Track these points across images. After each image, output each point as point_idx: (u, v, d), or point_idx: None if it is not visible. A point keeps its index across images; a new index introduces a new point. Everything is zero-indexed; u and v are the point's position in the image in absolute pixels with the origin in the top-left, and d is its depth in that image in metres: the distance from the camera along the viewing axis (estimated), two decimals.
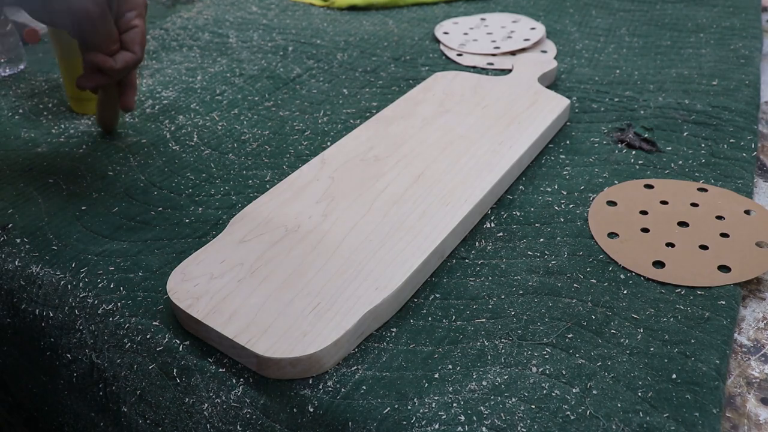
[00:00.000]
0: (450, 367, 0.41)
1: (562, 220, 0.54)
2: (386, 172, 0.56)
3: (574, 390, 0.39)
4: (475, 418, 0.37)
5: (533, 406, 0.38)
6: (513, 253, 0.50)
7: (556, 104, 0.66)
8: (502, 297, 0.46)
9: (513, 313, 0.45)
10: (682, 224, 0.52)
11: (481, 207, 0.53)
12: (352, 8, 1.03)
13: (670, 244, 0.50)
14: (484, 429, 0.37)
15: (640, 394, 0.39)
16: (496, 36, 0.88)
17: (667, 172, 0.59)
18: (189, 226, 0.54)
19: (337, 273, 0.45)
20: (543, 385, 0.39)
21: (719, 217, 0.53)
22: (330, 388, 0.40)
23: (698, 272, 0.47)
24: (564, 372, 0.40)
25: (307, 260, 0.46)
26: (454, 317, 0.45)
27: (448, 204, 0.52)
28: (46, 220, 0.55)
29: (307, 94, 0.76)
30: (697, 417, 0.37)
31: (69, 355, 0.48)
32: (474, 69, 0.80)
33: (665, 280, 0.47)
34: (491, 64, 0.81)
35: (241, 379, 0.41)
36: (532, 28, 0.89)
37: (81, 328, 0.47)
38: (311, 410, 0.39)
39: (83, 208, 0.56)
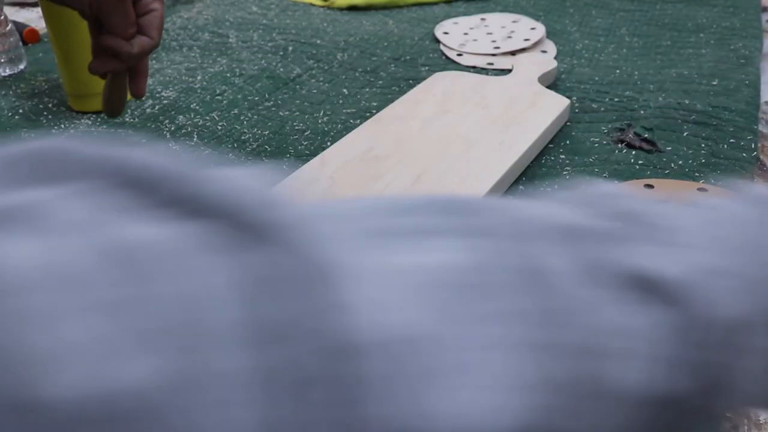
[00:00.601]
0: None
1: None
2: (386, 172, 0.56)
3: None
4: None
5: None
6: None
7: (556, 104, 0.66)
8: None
9: None
10: None
11: None
12: (352, 8, 1.03)
13: None
14: None
15: None
16: (496, 36, 0.88)
17: (667, 172, 0.59)
18: None
19: None
20: None
21: None
22: None
23: None
24: None
25: None
26: None
27: None
28: None
29: (307, 94, 0.76)
30: None
31: None
32: (474, 69, 0.80)
33: None
34: (491, 64, 0.81)
35: None
36: (532, 28, 0.89)
37: None
38: None
39: None
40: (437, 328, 0.19)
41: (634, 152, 0.62)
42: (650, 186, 0.57)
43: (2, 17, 0.81)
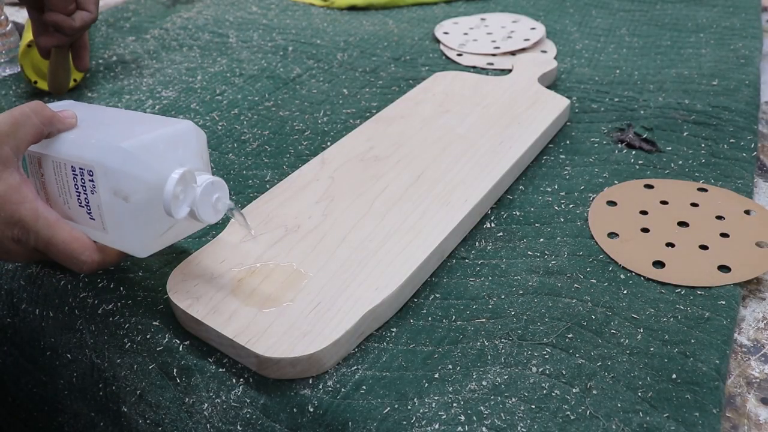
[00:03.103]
0: (450, 367, 0.41)
1: (562, 220, 0.54)
2: (386, 172, 0.56)
3: (574, 390, 0.39)
4: (475, 418, 0.37)
5: (533, 406, 0.38)
6: (513, 253, 0.50)
7: (556, 104, 0.66)
8: (502, 297, 0.46)
9: (513, 313, 0.45)
10: (682, 224, 0.52)
11: (481, 207, 0.53)
12: (352, 8, 1.03)
13: (670, 244, 0.50)
14: (484, 429, 0.37)
15: (640, 394, 0.39)
16: (496, 36, 0.88)
17: (667, 172, 0.59)
18: None
19: (337, 273, 0.45)
20: (543, 385, 0.39)
21: (719, 217, 0.53)
22: (330, 388, 0.40)
23: (698, 272, 0.47)
24: (564, 372, 0.40)
25: (307, 260, 0.46)
26: (454, 317, 0.45)
27: (448, 204, 0.52)
28: None
29: (307, 94, 0.76)
30: (697, 417, 0.37)
31: (69, 355, 0.48)
32: (474, 69, 0.80)
33: (665, 280, 0.47)
34: (491, 64, 0.81)
35: (241, 379, 0.41)
36: (532, 28, 0.89)
37: (81, 328, 0.47)
38: (311, 410, 0.39)
39: None
40: None
41: (634, 152, 0.62)
42: (650, 186, 0.57)
43: (2, 17, 0.81)
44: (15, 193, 0.40)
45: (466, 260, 0.50)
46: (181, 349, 0.43)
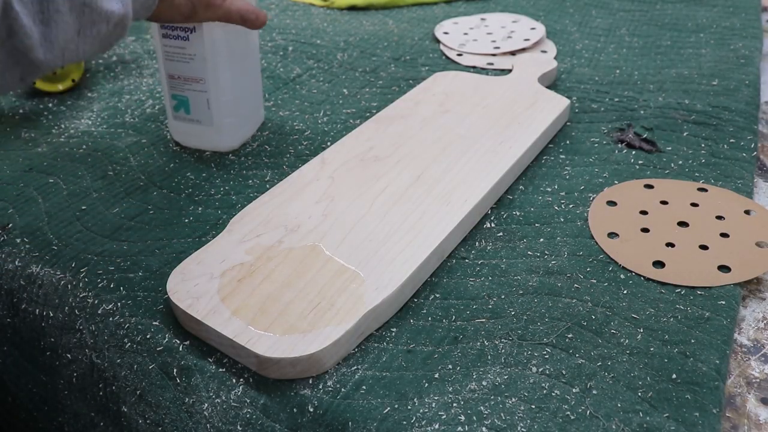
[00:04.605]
0: (450, 367, 0.41)
1: (562, 220, 0.54)
2: (386, 172, 0.56)
3: (574, 390, 0.39)
4: (475, 418, 0.37)
5: (533, 406, 0.38)
6: (513, 253, 0.50)
7: (556, 104, 0.66)
8: (502, 297, 0.46)
9: (513, 313, 0.45)
10: (682, 224, 0.52)
11: (481, 207, 0.53)
12: (352, 8, 1.03)
13: (670, 244, 0.50)
14: (484, 429, 0.37)
15: (640, 394, 0.39)
16: (496, 36, 0.88)
17: (667, 172, 0.59)
18: (189, 226, 0.54)
19: (337, 273, 0.45)
20: (543, 385, 0.39)
21: (719, 217, 0.53)
22: (330, 388, 0.40)
23: (698, 272, 0.47)
24: (564, 372, 0.40)
25: (307, 260, 0.46)
26: (454, 317, 0.45)
27: (448, 204, 0.52)
28: (46, 220, 0.55)
29: (307, 94, 0.76)
30: (697, 417, 0.37)
31: (69, 355, 0.48)
32: (474, 69, 0.80)
33: (665, 280, 0.47)
34: (491, 64, 0.81)
35: (241, 379, 0.41)
36: (532, 28, 0.89)
37: (81, 328, 0.47)
38: (311, 410, 0.39)
39: (83, 208, 0.56)
40: None
41: (634, 152, 0.62)
42: (650, 186, 0.57)
43: None
44: None
45: (466, 260, 0.50)
46: (181, 349, 0.43)
